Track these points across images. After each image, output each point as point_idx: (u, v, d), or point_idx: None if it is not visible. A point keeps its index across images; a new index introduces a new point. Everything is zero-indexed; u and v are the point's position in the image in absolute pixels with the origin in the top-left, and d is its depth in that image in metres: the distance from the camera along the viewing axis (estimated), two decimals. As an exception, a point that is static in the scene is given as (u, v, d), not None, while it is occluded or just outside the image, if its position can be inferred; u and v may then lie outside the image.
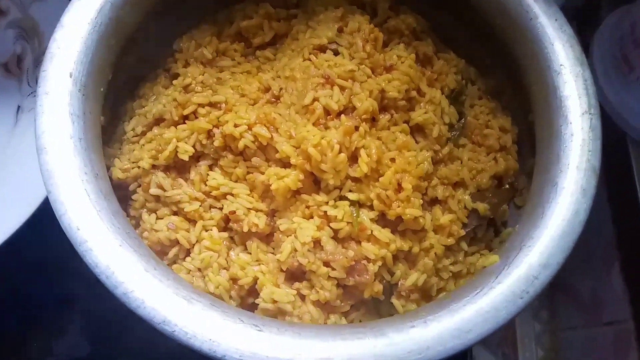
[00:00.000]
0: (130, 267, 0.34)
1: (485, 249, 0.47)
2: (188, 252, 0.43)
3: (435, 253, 0.43)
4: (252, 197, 0.43)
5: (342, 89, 0.43)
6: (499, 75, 0.52)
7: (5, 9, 0.59)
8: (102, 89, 0.43)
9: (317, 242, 0.41)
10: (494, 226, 0.48)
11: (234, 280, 0.42)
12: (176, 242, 0.43)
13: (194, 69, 0.48)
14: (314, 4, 0.50)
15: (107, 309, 0.56)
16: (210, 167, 0.45)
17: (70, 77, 0.39)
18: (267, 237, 0.43)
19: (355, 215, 0.42)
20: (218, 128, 0.44)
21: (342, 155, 0.41)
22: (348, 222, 0.41)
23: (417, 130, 0.46)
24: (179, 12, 0.51)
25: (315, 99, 0.43)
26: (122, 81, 0.48)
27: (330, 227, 0.42)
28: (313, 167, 0.41)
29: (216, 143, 0.44)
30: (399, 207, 0.41)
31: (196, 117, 0.45)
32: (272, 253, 0.43)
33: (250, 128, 0.43)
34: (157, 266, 0.35)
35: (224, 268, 0.42)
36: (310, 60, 0.46)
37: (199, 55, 0.49)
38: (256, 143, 0.43)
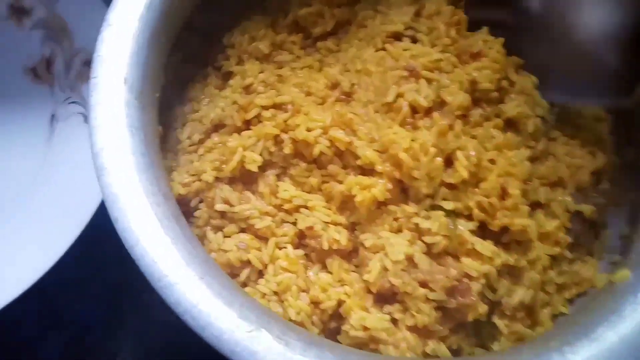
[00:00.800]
0: (217, 304, 0.29)
1: (587, 255, 0.42)
2: (261, 273, 0.38)
3: (542, 265, 0.38)
4: (330, 209, 0.38)
5: (428, 81, 0.38)
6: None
7: (28, 8, 0.54)
8: (157, 95, 0.38)
9: (410, 260, 0.36)
10: (593, 228, 0.43)
11: (315, 304, 0.37)
12: (247, 263, 0.38)
13: (251, 66, 0.43)
14: (380, -16, 0.44)
15: (159, 332, 0.53)
16: (279, 177, 0.40)
17: (125, 83, 0.34)
18: (349, 255, 0.39)
19: (452, 227, 0.36)
20: (286, 133, 0.39)
21: (439, 160, 0.36)
22: (444, 235, 0.36)
23: (509, 125, 0.41)
24: (223, 1, 0.46)
25: (399, 95, 0.38)
26: (168, 83, 0.43)
27: (423, 242, 0.37)
28: (403, 175, 0.36)
29: (286, 150, 0.38)
30: (505, 216, 0.36)
31: (259, 122, 0.40)
32: (356, 272, 0.38)
33: (325, 132, 0.38)
34: (243, 301, 0.30)
35: (303, 290, 0.37)
36: (385, 50, 0.41)
37: (253, 50, 0.44)
38: (332, 148, 0.38)
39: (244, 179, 0.40)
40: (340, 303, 0.37)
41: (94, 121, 0.32)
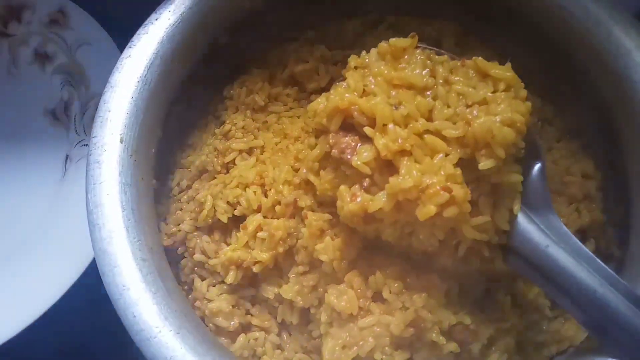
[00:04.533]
0: (190, 359, 0.31)
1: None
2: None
3: (517, 331, 0.38)
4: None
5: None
6: (579, 111, 0.47)
7: (51, 54, 0.58)
8: (153, 150, 0.40)
9: None
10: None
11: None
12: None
13: (237, 115, 0.45)
14: (373, 44, 0.46)
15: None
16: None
17: (121, 142, 0.37)
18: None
19: None
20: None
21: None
22: None
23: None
24: (226, 55, 0.49)
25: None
26: (171, 130, 0.45)
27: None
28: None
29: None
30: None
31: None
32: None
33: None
34: (217, 356, 0.32)
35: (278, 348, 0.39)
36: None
37: (250, 102, 0.46)
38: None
39: (221, 228, 0.41)
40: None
41: (90, 179, 0.35)
